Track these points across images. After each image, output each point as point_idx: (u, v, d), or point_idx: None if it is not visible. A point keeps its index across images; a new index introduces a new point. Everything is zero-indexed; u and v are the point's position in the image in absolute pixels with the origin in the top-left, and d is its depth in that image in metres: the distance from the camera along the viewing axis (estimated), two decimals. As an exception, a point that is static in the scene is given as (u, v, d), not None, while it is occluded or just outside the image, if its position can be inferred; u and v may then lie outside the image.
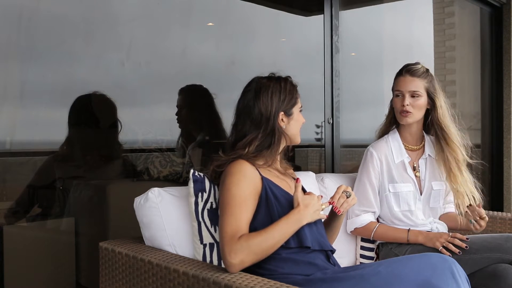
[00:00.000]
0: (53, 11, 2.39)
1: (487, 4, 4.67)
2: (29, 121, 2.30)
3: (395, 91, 2.33)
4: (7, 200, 2.29)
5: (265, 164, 1.81)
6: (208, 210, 1.82)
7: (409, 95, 2.28)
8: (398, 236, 2.26)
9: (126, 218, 2.05)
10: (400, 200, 2.30)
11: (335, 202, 1.79)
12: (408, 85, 2.28)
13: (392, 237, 2.27)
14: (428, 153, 2.38)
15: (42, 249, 2.35)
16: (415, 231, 2.24)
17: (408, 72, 2.30)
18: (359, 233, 2.34)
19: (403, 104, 2.28)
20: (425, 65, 2.35)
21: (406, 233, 2.24)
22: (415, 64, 2.33)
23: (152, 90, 2.75)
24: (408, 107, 2.27)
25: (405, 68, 2.32)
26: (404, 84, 2.29)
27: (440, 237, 2.15)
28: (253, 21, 3.27)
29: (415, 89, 2.28)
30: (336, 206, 1.79)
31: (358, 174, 2.38)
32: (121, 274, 1.80)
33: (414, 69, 2.30)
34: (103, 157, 2.60)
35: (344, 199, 1.80)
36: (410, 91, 2.28)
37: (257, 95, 1.81)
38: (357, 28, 3.81)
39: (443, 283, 1.54)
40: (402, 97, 2.29)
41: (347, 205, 1.81)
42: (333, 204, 1.79)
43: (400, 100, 2.30)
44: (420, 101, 2.29)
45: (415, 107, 2.28)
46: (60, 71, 2.38)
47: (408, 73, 2.29)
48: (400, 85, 2.30)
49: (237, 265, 1.54)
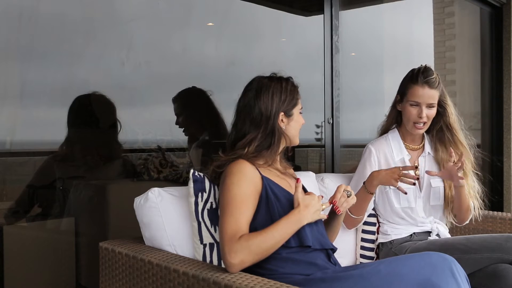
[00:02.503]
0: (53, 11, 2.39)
1: (487, 4, 4.67)
2: (29, 121, 2.30)
3: (410, 100, 2.26)
4: (7, 200, 2.29)
5: (265, 164, 1.81)
6: (208, 210, 1.82)
7: (426, 107, 2.25)
8: (359, 194, 2.17)
9: (126, 218, 2.05)
10: (400, 196, 2.30)
11: (336, 201, 1.79)
12: (426, 98, 2.23)
13: (358, 198, 2.13)
14: (427, 151, 2.38)
15: (42, 249, 2.35)
16: (367, 179, 2.18)
17: (427, 83, 2.23)
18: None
19: (421, 116, 2.24)
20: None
21: (362, 187, 2.19)
22: (430, 72, 2.26)
23: (152, 90, 2.75)
24: (424, 119, 2.25)
25: (423, 77, 2.24)
26: (422, 95, 2.23)
27: (392, 173, 2.10)
28: (253, 21, 3.27)
29: (433, 101, 2.25)
30: (337, 205, 1.79)
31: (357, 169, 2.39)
32: (121, 274, 1.80)
33: (432, 80, 2.24)
34: (103, 157, 2.60)
35: (345, 198, 1.80)
36: (428, 103, 2.24)
37: (258, 94, 1.81)
38: (357, 28, 3.81)
39: (443, 282, 1.54)
40: (419, 108, 2.24)
41: (347, 205, 1.81)
42: (334, 204, 1.79)
43: (417, 110, 2.25)
44: (434, 111, 2.28)
45: (430, 118, 2.27)
46: (60, 71, 2.38)
47: (427, 84, 2.23)
48: (418, 96, 2.24)
49: (237, 265, 1.54)
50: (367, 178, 2.20)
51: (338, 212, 1.82)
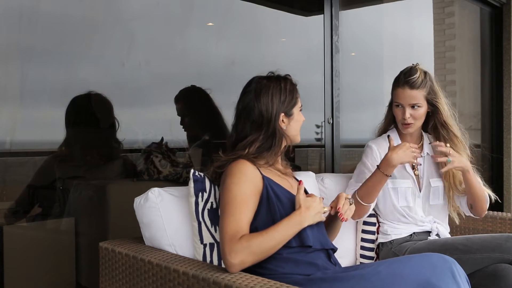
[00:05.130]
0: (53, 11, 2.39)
1: (487, 4, 4.67)
2: (29, 121, 2.30)
3: (394, 101, 2.30)
4: (7, 200, 2.29)
5: (266, 164, 1.80)
6: (208, 210, 1.82)
7: (409, 107, 2.26)
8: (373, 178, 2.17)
9: (126, 218, 2.05)
10: (399, 195, 2.30)
11: (341, 208, 1.77)
12: (407, 99, 2.25)
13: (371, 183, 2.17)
14: (426, 151, 2.38)
15: (42, 249, 2.35)
16: (382, 162, 2.15)
17: (407, 84, 2.24)
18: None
19: (404, 117, 2.26)
20: (423, 66, 2.32)
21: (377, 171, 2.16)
22: (412, 72, 2.26)
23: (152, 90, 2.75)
24: (409, 119, 2.26)
25: (404, 78, 2.26)
26: (403, 97, 2.25)
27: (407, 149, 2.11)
28: (253, 21, 3.27)
29: (415, 101, 2.25)
30: (342, 213, 1.78)
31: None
32: (121, 274, 1.80)
33: (412, 80, 2.24)
34: (103, 156, 2.60)
35: (348, 206, 1.79)
36: (410, 104, 2.25)
37: (258, 96, 1.80)
38: (357, 28, 3.81)
39: (443, 283, 1.54)
40: (403, 109, 2.27)
41: (350, 212, 1.80)
42: (339, 211, 1.78)
43: (401, 111, 2.28)
44: (421, 111, 2.27)
45: (416, 118, 2.27)
46: (60, 71, 2.38)
47: (407, 85, 2.24)
48: (400, 98, 2.27)
49: (237, 265, 1.54)
50: (381, 163, 2.16)
51: (343, 220, 1.81)
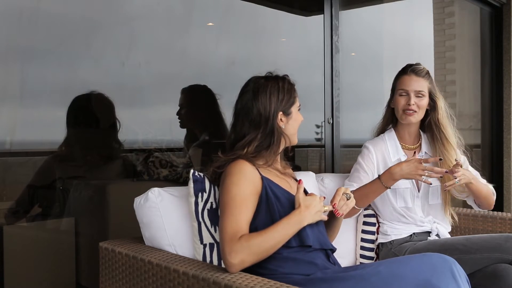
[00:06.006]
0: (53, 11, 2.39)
1: (487, 4, 4.67)
2: (29, 121, 2.30)
3: (399, 90, 2.32)
4: (7, 200, 2.29)
5: (265, 164, 1.81)
6: (208, 210, 1.82)
7: (414, 95, 2.29)
8: (372, 186, 2.18)
9: (126, 218, 2.05)
10: (397, 196, 2.31)
11: (336, 203, 1.79)
12: (414, 85, 2.29)
13: (369, 190, 2.18)
14: (424, 150, 2.38)
15: (42, 249, 2.35)
16: (384, 173, 2.16)
17: (414, 71, 2.31)
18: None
19: (409, 103, 2.28)
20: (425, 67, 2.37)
21: (377, 180, 2.16)
22: (418, 65, 2.34)
23: (152, 90, 2.75)
24: (413, 106, 2.28)
25: (410, 67, 2.33)
26: (409, 83, 2.29)
27: (416, 168, 2.09)
28: (253, 21, 3.27)
29: (421, 88, 2.29)
30: (337, 208, 1.79)
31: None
32: (121, 274, 1.80)
33: (418, 69, 2.32)
34: (103, 156, 2.59)
35: (344, 201, 1.79)
36: (415, 91, 2.29)
37: (255, 95, 1.81)
38: (357, 28, 3.81)
39: (443, 283, 1.54)
40: (408, 96, 2.29)
41: (346, 208, 1.80)
42: (334, 206, 1.79)
43: (405, 99, 2.30)
44: (424, 102, 2.31)
45: (420, 107, 2.30)
46: (60, 71, 2.38)
47: (414, 72, 2.30)
48: (406, 84, 2.30)
49: (237, 265, 1.54)
50: (383, 173, 2.17)
51: (338, 215, 1.81)
